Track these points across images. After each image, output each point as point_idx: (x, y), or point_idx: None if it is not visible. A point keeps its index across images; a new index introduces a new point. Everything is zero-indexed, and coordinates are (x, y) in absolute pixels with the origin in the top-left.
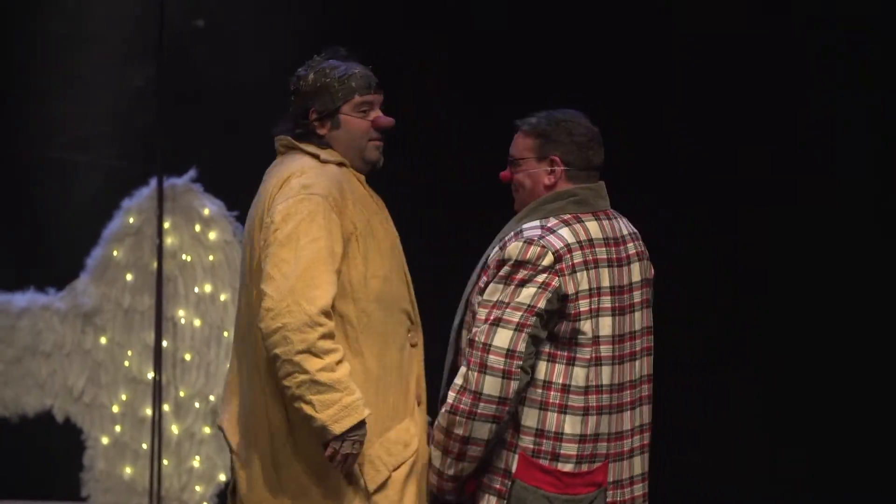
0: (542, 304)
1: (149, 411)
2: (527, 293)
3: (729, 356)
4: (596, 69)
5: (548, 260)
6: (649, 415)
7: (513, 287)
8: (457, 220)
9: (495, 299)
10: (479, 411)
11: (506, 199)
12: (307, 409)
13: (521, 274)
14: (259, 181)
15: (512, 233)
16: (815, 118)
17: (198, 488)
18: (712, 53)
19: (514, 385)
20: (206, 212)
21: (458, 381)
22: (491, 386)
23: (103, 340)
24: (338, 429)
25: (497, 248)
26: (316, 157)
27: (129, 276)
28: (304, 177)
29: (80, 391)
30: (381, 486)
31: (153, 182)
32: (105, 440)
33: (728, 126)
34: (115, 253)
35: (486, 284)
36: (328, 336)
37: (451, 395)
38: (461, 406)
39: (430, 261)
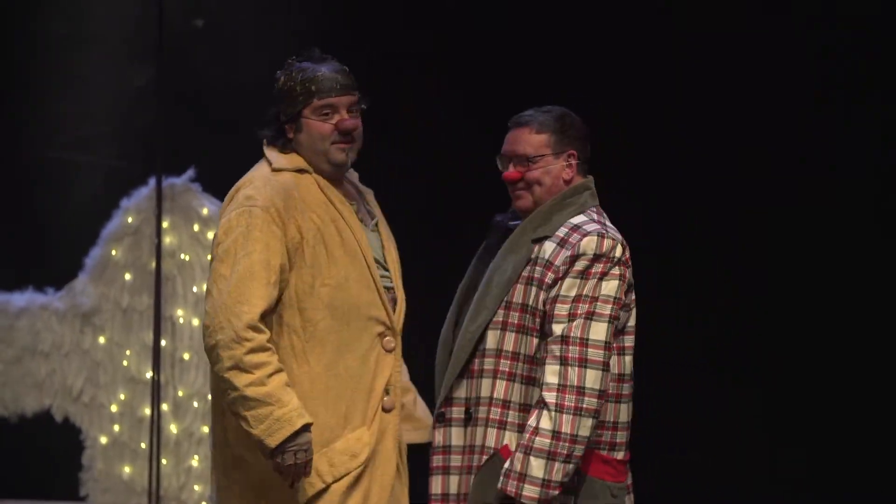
0: (624, 295)
1: (147, 411)
2: (611, 286)
3: (729, 356)
4: (595, 69)
5: (619, 251)
6: None
7: (594, 281)
8: (456, 219)
9: (576, 294)
10: (584, 406)
11: (506, 198)
12: (244, 424)
13: (599, 267)
14: None
15: (566, 229)
16: (815, 118)
17: (196, 488)
18: (712, 53)
19: (608, 377)
20: (205, 211)
21: (553, 379)
22: (593, 379)
23: (102, 340)
24: (272, 442)
25: (555, 246)
26: (270, 163)
27: (127, 276)
28: (250, 187)
29: (78, 391)
30: (315, 498)
31: (152, 182)
32: (104, 440)
33: (728, 126)
34: (113, 253)
35: (555, 281)
36: (256, 350)
37: (551, 394)
38: (566, 403)
39: (430, 261)
